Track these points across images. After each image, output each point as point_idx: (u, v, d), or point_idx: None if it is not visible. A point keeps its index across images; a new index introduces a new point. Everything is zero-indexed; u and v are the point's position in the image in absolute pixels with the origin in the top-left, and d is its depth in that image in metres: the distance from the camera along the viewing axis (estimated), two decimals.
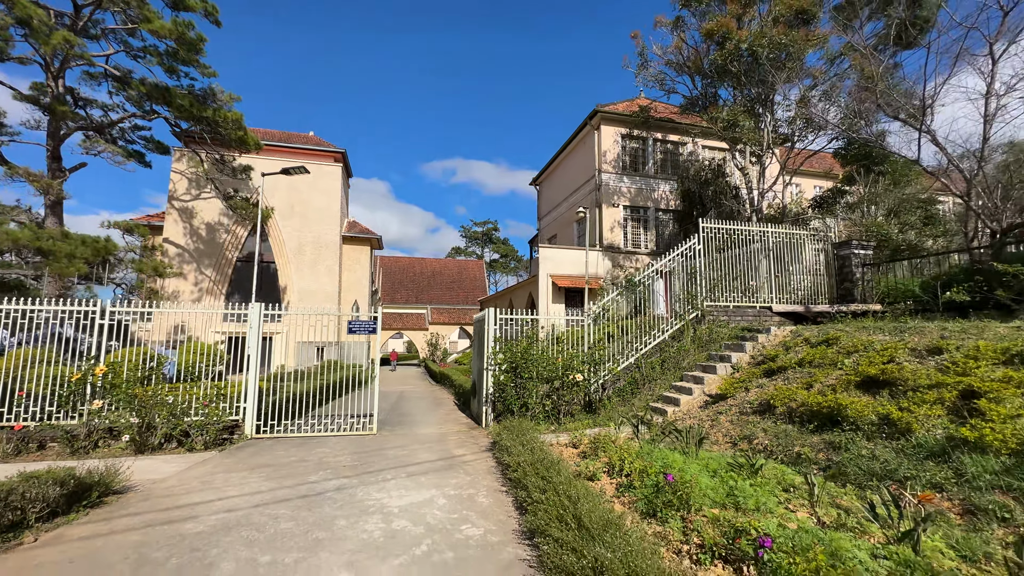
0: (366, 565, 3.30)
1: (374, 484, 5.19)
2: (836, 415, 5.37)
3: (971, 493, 3.78)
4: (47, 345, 9.06)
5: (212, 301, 23.31)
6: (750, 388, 7.03)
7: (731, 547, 3.20)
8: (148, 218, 24.21)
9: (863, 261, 10.17)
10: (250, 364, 7.76)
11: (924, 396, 4.98)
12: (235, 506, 4.46)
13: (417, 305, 42.94)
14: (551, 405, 8.35)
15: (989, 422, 4.19)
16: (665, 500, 4.00)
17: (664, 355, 9.19)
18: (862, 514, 3.69)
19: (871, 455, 4.63)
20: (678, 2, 16.56)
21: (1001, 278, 7.35)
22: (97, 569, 3.24)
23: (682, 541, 3.50)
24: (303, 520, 4.13)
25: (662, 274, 11.39)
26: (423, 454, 6.65)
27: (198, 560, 3.37)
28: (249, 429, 7.62)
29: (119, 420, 6.80)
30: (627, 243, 21.04)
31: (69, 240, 15.57)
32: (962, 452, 4.14)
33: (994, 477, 3.80)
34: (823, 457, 5.02)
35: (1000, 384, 4.56)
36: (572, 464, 5.45)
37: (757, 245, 10.34)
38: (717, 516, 3.58)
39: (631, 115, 20.41)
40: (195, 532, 3.86)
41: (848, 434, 5.10)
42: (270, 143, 24.05)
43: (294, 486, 5.10)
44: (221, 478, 5.39)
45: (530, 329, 9.08)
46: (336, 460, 6.26)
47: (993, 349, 5.19)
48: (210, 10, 19.13)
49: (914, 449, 4.48)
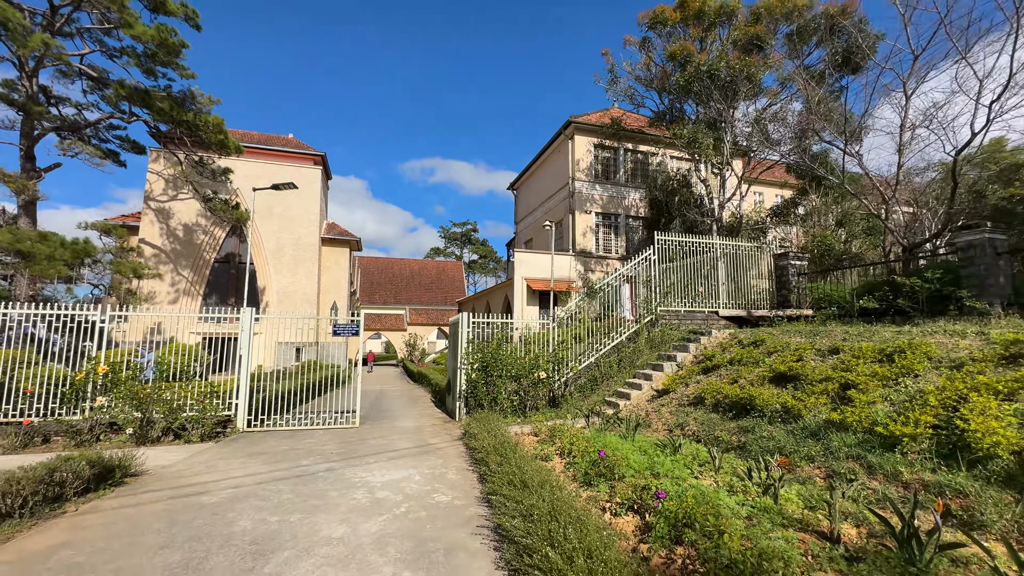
0: (356, 521, 4.21)
1: (359, 466, 6.07)
2: (749, 405, 6.50)
3: (833, 462, 4.90)
4: (28, 347, 9.57)
5: (189, 302, 23.54)
6: (689, 384, 8.15)
7: (639, 501, 4.23)
8: (123, 218, 24.25)
9: (799, 271, 11.49)
10: (242, 363, 8.51)
11: (815, 388, 6.14)
12: (241, 484, 5.30)
13: (396, 306, 43.45)
14: (519, 400, 9.33)
15: (853, 408, 5.34)
16: (598, 471, 5.02)
17: (621, 355, 10.28)
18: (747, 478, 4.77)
19: (769, 436, 5.75)
20: (645, 24, 17.74)
21: (902, 289, 8.66)
22: (136, 528, 4.06)
23: (607, 500, 4.52)
24: (301, 493, 5.00)
25: (628, 279, 12.52)
26: (401, 443, 7.55)
27: (219, 520, 4.22)
28: (241, 423, 8.38)
29: (121, 415, 7.48)
30: (599, 248, 22.21)
31: (48, 242, 15.80)
32: (832, 431, 5.28)
33: (850, 449, 4.93)
34: (736, 439, 6.12)
35: (868, 378, 5.74)
36: (531, 449, 6.44)
37: (708, 255, 11.54)
38: (635, 482, 4.61)
39: (603, 126, 21.58)
40: (211, 502, 4.70)
41: (756, 420, 6.22)
42: (250, 145, 24.37)
43: (289, 468, 5.94)
44: (223, 463, 6.19)
45: (500, 332, 10.05)
46: (324, 448, 7.11)
47: (873, 350, 6.39)
48: (190, 15, 19.46)
49: (801, 430, 5.60)
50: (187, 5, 19.47)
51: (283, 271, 24.67)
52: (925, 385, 5.28)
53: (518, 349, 10.12)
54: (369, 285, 44.54)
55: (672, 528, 3.58)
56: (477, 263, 65.60)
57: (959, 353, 5.64)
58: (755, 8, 16.94)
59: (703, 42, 17.82)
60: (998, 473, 3.94)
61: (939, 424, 4.59)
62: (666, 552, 3.45)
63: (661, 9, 17.47)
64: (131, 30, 17.02)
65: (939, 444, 4.47)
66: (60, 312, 8.70)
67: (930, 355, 5.77)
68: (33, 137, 18.81)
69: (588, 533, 3.18)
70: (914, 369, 5.63)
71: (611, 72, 18.71)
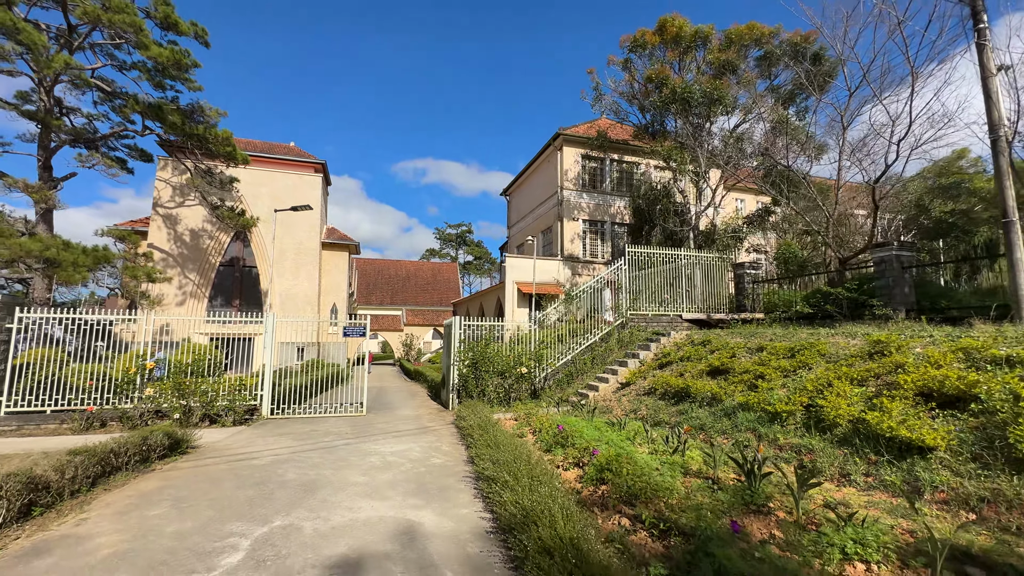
0: (374, 474, 5.79)
1: (370, 441, 7.65)
2: (687, 393, 8.11)
3: (736, 433, 6.51)
4: (54, 347, 11.03)
5: (195, 304, 25.00)
6: (646, 377, 9.75)
7: (582, 460, 5.82)
8: (132, 223, 25.66)
9: (753, 279, 13.11)
10: (267, 360, 10.07)
11: (737, 379, 7.75)
12: (279, 452, 6.86)
13: (392, 306, 44.94)
14: (504, 392, 10.91)
15: (757, 393, 6.95)
16: (556, 442, 6.62)
17: (594, 353, 11.88)
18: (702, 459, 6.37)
19: (697, 416, 7.36)
20: (627, 47, 19.34)
21: (830, 297, 10.30)
22: (212, 478, 5.62)
23: (561, 460, 6.10)
24: (327, 457, 6.57)
25: (609, 284, 14.10)
26: (403, 426, 9.13)
27: (272, 473, 5.79)
28: (266, 411, 9.94)
29: (166, 404, 9.02)
30: (585, 253, 23.82)
31: (71, 250, 17.25)
32: (740, 411, 6.88)
33: (750, 424, 6.54)
34: (674, 420, 7.72)
35: (774, 370, 7.36)
36: (510, 428, 8.01)
37: (674, 265, 13.15)
38: (582, 447, 6.19)
39: (590, 139, 23.16)
40: (260, 464, 6.26)
41: (691, 404, 7.83)
42: (253, 153, 25.80)
43: (314, 443, 7.51)
44: (260, 440, 7.75)
45: (487, 333, 11.63)
46: (339, 430, 8.68)
47: (785, 348, 8.01)
48: (200, 33, 20.93)
49: (720, 411, 7.21)
50: (197, 24, 20.95)
51: (285, 274, 26.16)
52: (811, 375, 6.90)
53: (507, 348, 11.70)
54: (366, 286, 46.00)
55: (598, 472, 5.16)
56: (472, 264, 67.16)
57: (843, 350, 7.26)
58: (728, 33, 18.56)
59: (681, 62, 19.43)
60: (839, 437, 5.55)
61: (809, 404, 6.20)
62: (592, 487, 5.04)
63: (641, 33, 19.07)
64: (147, 51, 18.47)
65: (807, 418, 6.08)
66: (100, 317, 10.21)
67: (822, 352, 7.39)
68: (50, 149, 20.24)
69: (535, 469, 4.76)
70: (808, 363, 7.24)
71: (596, 90, 20.29)
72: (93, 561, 3.52)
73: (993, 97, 7.26)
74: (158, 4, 19.42)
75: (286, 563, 3.48)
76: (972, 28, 7.51)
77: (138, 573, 3.34)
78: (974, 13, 7.47)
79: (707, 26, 18.18)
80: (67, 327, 10.92)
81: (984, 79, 7.35)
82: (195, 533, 4.02)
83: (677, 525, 3.77)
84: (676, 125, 20.10)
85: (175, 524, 4.22)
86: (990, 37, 7.41)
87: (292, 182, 26.71)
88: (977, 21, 7.45)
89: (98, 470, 5.24)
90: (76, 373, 9.78)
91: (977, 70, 7.68)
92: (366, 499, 4.90)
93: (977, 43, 7.44)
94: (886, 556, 3.32)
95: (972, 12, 7.48)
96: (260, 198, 25.79)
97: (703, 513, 3.91)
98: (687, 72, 19.27)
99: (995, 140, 7.26)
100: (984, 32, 7.41)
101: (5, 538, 3.89)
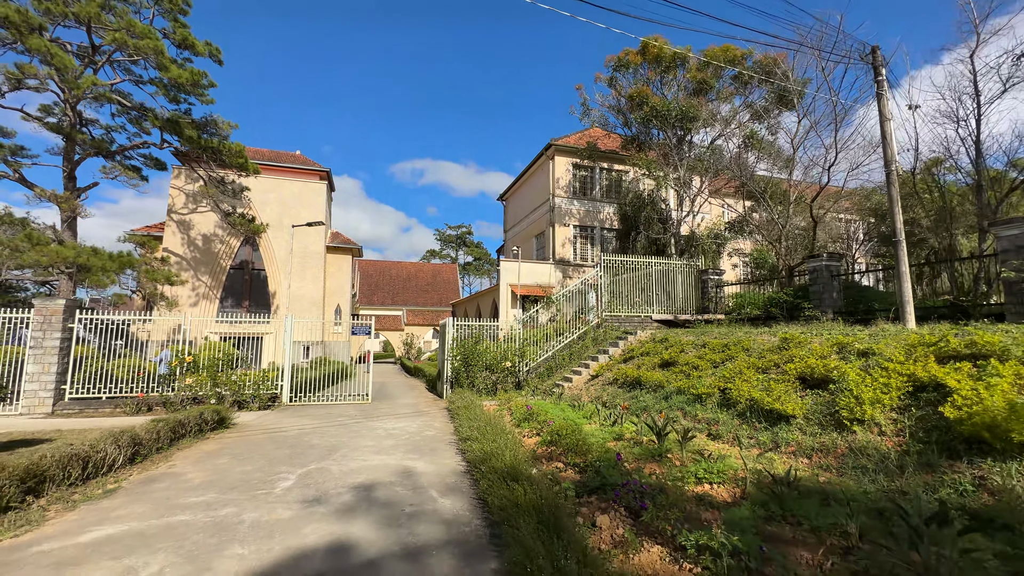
0: (379, 440, 7.55)
1: (376, 421, 9.41)
2: (640, 382, 9.84)
3: (669, 412, 8.23)
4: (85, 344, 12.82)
5: (207, 305, 26.79)
6: (612, 370, 11.48)
7: (540, 430, 7.56)
8: (148, 229, 27.54)
9: (716, 283, 14.82)
10: (286, 355, 11.85)
11: (680, 369, 9.47)
12: (303, 428, 8.63)
13: (393, 307, 46.76)
14: (491, 384, 12.66)
15: (689, 380, 8.67)
16: (524, 418, 8.36)
17: (572, 350, 13.61)
18: (640, 429, 8.10)
19: (644, 400, 9.08)
20: (612, 66, 21.06)
21: (774, 300, 12.01)
22: (255, 443, 7.37)
23: (527, 432, 7.84)
24: (342, 431, 8.33)
25: (593, 287, 15.82)
26: (403, 410, 10.89)
27: (301, 440, 7.56)
28: (286, 399, 11.72)
29: (203, 391, 10.80)
30: (576, 257, 25.54)
31: (99, 255, 19.07)
32: (676, 395, 8.60)
33: (680, 404, 8.26)
34: (627, 403, 9.44)
35: (707, 362, 9.08)
36: (492, 411, 9.75)
37: (645, 271, 14.86)
38: (542, 420, 7.93)
39: (580, 149, 24.87)
40: (290, 434, 8.03)
41: (641, 391, 9.55)
42: (261, 162, 27.58)
43: (330, 421, 9.28)
44: (285, 419, 9.53)
45: (477, 332, 13.38)
46: (350, 413, 10.45)
47: (720, 344, 9.72)
48: (214, 52, 22.75)
49: (662, 396, 8.93)
50: (211, 43, 22.75)
51: (292, 277, 27.94)
52: (732, 365, 8.61)
53: (495, 346, 13.43)
54: (368, 287, 47.82)
55: (550, 437, 6.89)
56: (472, 265, 68.96)
57: (762, 346, 8.97)
58: (705, 53, 20.24)
59: (663, 79, 21.13)
60: (739, 411, 7.26)
61: (724, 387, 7.93)
62: (545, 447, 6.76)
63: (625, 53, 20.78)
64: (167, 72, 20.27)
65: (721, 398, 7.80)
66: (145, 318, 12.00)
67: (746, 347, 9.10)
68: (74, 161, 22.09)
69: (501, 433, 6.51)
70: (734, 356, 8.96)
71: (584, 105, 22.01)
72: (190, 485, 5.28)
73: (887, 138, 8.94)
74: (176, 27, 21.25)
75: (323, 486, 5.24)
76: (874, 80, 9.20)
77: (224, 489, 5.11)
78: (874, 69, 9.15)
79: (684, 48, 19.86)
80: (85, 325, 12.70)
81: (881, 123, 9.04)
82: (255, 472, 5.79)
83: (592, 465, 5.50)
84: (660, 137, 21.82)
85: (238, 467, 5.99)
86: (887, 89, 9.10)
87: (298, 189, 28.50)
88: (877, 74, 9.14)
89: (171, 436, 7.02)
90: (120, 367, 11.59)
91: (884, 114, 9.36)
92: (375, 454, 6.66)
93: (876, 93, 9.12)
94: (723, 480, 5.05)
95: (873, 69, 9.17)
96: (268, 204, 27.58)
97: (609, 457, 5.64)
98: (669, 88, 20.97)
99: (888, 173, 8.95)
100: (882, 84, 9.09)
101: (125, 474, 5.67)
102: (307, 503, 4.70)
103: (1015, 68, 10.29)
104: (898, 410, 5.58)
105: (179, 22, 21.73)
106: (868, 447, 5.32)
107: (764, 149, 17.60)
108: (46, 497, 4.78)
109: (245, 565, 3.40)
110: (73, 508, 4.60)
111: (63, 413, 10.24)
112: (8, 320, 10.63)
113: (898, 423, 5.45)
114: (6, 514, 4.32)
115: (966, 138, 11.17)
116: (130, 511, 4.49)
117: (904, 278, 8.64)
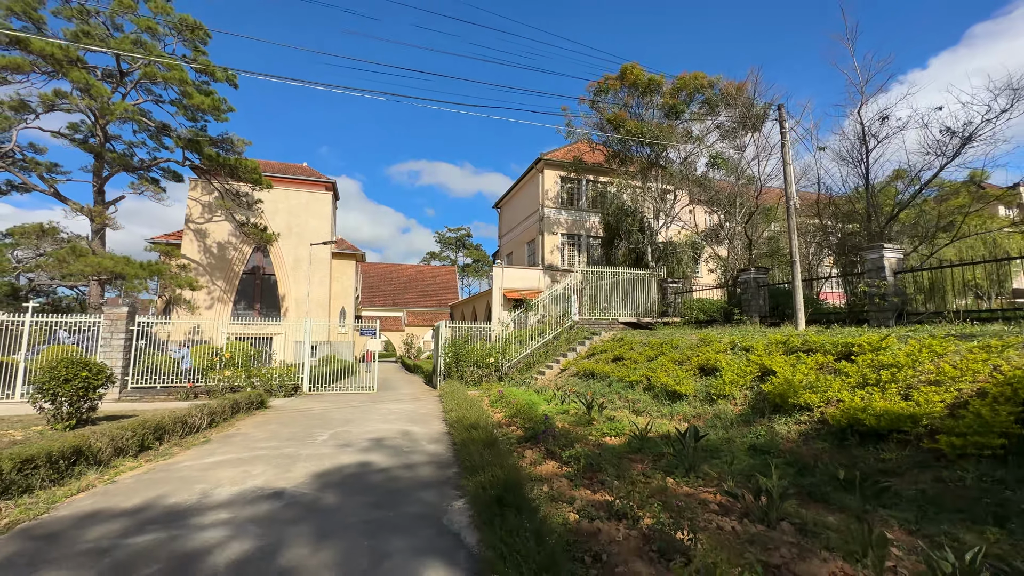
0: (385, 415, 10.16)
1: (381, 404, 12.01)
2: (595, 374, 12.39)
3: (611, 396, 10.77)
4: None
5: (222, 308, 29.42)
6: (577, 364, 14.03)
7: (506, 408, 10.13)
8: (167, 237, 30.20)
9: (675, 291, 17.35)
10: (306, 353, 14.46)
11: (626, 363, 12.00)
12: (326, 408, 11.23)
13: (394, 308, 49.41)
14: (478, 377, 15.23)
15: (628, 371, 11.21)
16: (496, 400, 10.93)
17: (548, 348, 16.17)
18: (581, 407, 10.66)
19: (595, 387, 11.63)
20: (593, 91, 23.59)
21: (718, 306, 14.53)
22: (290, 418, 9.97)
23: (498, 410, 10.40)
24: (355, 410, 10.93)
25: (576, 292, 18.37)
26: (403, 397, 13.50)
27: (324, 415, 10.16)
28: (306, 388, 14.34)
29: (238, 381, 13.41)
30: (564, 263, 28.08)
31: (131, 265, 21.74)
32: (617, 383, 11.14)
33: (618, 390, 10.80)
34: (580, 390, 11.98)
35: (644, 357, 11.62)
36: (475, 396, 12.30)
37: (614, 279, 17.39)
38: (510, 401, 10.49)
39: (567, 162, 27.38)
40: (316, 412, 10.63)
41: (594, 381, 12.10)
42: (271, 174, 30.21)
43: (345, 403, 11.88)
44: (309, 403, 12.14)
45: (467, 332, 15.96)
46: (359, 398, 13.06)
47: (658, 342, 12.25)
48: (231, 77, 25.37)
49: (608, 384, 11.47)
50: (228, 69, 25.35)
51: (300, 281, 30.58)
52: (660, 359, 11.13)
53: (480, 344, 16.00)
54: (370, 289, 50.47)
55: (511, 411, 9.43)
56: (471, 267, 71.57)
57: (686, 344, 11.49)
58: (677, 79, 22.75)
59: (640, 101, 23.65)
60: (655, 393, 9.80)
61: (648, 376, 10.46)
62: (507, 419, 9.31)
63: (605, 78, 23.30)
64: (191, 99, 22.92)
65: (647, 384, 10.34)
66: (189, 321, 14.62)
67: (675, 345, 11.63)
68: (103, 177, 24.78)
69: (478, 408, 9.09)
70: (665, 352, 11.49)
71: (568, 126, 24.55)
72: (258, 438, 7.88)
73: (788, 179, 11.46)
74: (197, 56, 23.87)
75: (348, 438, 7.83)
76: (780, 132, 11.72)
77: (282, 440, 7.70)
78: (780, 119, 11.66)
79: (659, 75, 22.37)
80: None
81: (784, 166, 11.55)
82: (299, 431, 8.40)
83: (535, 428, 8.04)
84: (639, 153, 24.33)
85: (286, 429, 8.60)
86: (788, 140, 11.61)
87: (305, 199, 31.12)
88: (782, 127, 11.65)
89: (231, 411, 9.62)
90: (165, 362, 14.23)
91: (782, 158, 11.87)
92: (382, 423, 9.26)
93: (781, 142, 11.64)
94: (619, 434, 7.61)
95: (779, 118, 11.69)
96: (278, 213, 30.20)
97: (550, 423, 8.19)
98: (647, 110, 23.49)
99: (788, 207, 11.47)
100: (785, 134, 11.61)
101: (209, 433, 8.27)
102: (339, 446, 7.29)
103: (881, 126, 12.87)
104: (748, 388, 8.13)
105: (199, 50, 24.37)
106: (723, 413, 7.87)
107: (727, 167, 20.08)
108: (166, 444, 7.38)
109: (309, 470, 5.98)
110: (187, 449, 7.20)
111: (127, 399, 12.86)
112: (75, 325, 13.31)
113: (747, 396, 7.99)
114: (146, 452, 6.91)
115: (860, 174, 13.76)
116: (226, 450, 7.09)
117: (797, 291, 11.17)
